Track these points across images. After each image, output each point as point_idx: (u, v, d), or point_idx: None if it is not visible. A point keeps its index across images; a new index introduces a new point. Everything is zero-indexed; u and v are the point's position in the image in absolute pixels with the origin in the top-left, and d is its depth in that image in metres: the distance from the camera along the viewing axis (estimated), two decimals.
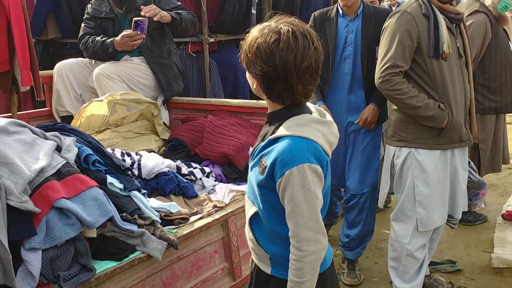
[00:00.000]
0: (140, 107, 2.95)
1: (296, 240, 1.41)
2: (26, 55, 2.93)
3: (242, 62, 1.47)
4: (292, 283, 1.44)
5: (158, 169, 2.35)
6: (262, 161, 1.44)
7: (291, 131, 1.41)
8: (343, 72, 2.99)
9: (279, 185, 1.40)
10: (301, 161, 1.37)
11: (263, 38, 1.38)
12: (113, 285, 1.79)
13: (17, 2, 2.93)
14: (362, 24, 2.93)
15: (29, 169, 1.67)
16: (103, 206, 1.77)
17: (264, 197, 1.48)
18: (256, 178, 1.47)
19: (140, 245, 1.87)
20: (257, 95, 1.54)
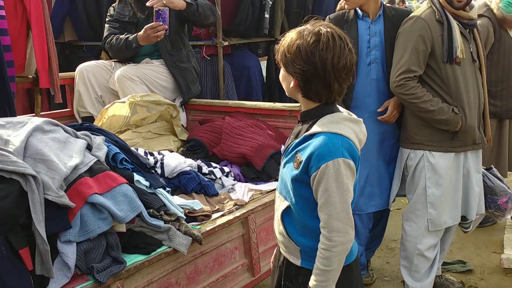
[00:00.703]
0: (160, 109, 3.03)
1: (328, 230, 1.50)
2: (45, 58, 3.03)
3: (279, 63, 1.58)
4: (318, 271, 1.52)
5: (180, 168, 2.43)
6: (297, 157, 1.54)
7: (326, 128, 1.51)
8: (370, 78, 2.85)
9: (314, 178, 1.49)
10: (336, 156, 1.47)
11: (303, 39, 1.50)
12: (141, 277, 1.87)
13: (38, 6, 3.03)
14: (385, 26, 2.82)
15: (64, 166, 1.76)
16: (132, 202, 1.86)
17: (298, 191, 1.57)
18: (291, 173, 1.57)
19: (166, 240, 1.95)
20: (291, 96, 1.64)
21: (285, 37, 1.57)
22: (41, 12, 3.05)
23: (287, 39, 1.56)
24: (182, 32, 3.55)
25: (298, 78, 1.53)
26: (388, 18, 2.81)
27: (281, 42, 1.57)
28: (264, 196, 2.52)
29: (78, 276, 1.71)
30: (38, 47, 3.00)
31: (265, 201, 2.45)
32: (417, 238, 2.83)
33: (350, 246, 1.54)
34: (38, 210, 1.62)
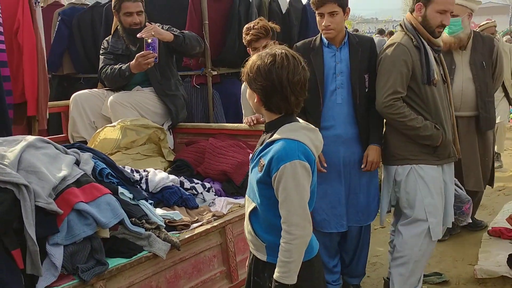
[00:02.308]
0: (148, 132, 3.26)
1: (287, 225, 1.70)
2: (34, 88, 3.29)
3: (244, 81, 1.84)
4: (281, 263, 1.71)
5: (164, 183, 2.64)
6: (260, 161, 1.77)
7: (284, 135, 1.74)
8: (336, 103, 2.97)
9: (275, 178, 1.70)
10: (293, 158, 1.68)
11: (261, 60, 1.75)
12: (123, 279, 2.05)
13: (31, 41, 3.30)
14: (350, 53, 2.94)
15: (53, 177, 1.97)
16: (115, 210, 2.06)
17: (262, 192, 1.78)
18: (256, 176, 1.79)
19: (147, 246, 2.15)
20: (257, 111, 1.89)
21: (249, 60, 1.82)
22: (34, 46, 3.31)
23: (249, 61, 1.81)
24: (170, 62, 3.81)
25: (260, 93, 1.78)
26: (352, 45, 2.97)
27: (246, 64, 1.82)
28: (241, 208, 2.71)
29: (65, 276, 1.90)
30: (28, 78, 3.26)
31: (242, 212, 2.63)
32: (417, 246, 2.90)
33: (308, 240, 1.75)
34: (29, 215, 1.83)
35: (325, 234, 3.05)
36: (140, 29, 3.53)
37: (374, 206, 3.13)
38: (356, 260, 3.21)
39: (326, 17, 2.86)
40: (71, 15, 5.07)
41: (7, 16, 3.22)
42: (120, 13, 3.62)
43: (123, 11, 3.59)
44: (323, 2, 2.84)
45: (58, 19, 5.05)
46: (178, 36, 3.55)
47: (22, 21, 3.25)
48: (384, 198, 3.08)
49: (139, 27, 3.57)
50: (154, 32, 3.38)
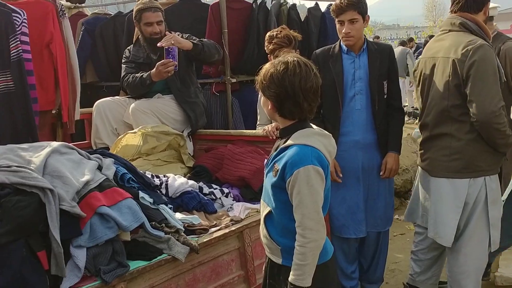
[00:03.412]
0: (168, 138, 3.33)
1: (302, 228, 1.74)
2: (66, 95, 3.44)
3: (258, 89, 1.88)
4: (296, 266, 1.75)
5: (183, 188, 2.70)
6: (275, 166, 1.81)
7: (298, 140, 1.78)
8: (355, 109, 2.99)
9: (289, 183, 1.74)
10: (307, 163, 1.73)
11: (274, 67, 1.80)
12: (144, 281, 2.11)
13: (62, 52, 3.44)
14: (369, 60, 2.97)
15: (77, 181, 2.05)
16: (136, 214, 2.13)
17: (277, 196, 1.83)
18: (270, 181, 1.83)
19: (166, 249, 2.20)
20: (271, 118, 1.95)
21: (263, 68, 1.87)
22: (64, 57, 3.46)
23: (263, 69, 1.86)
24: (190, 70, 3.89)
25: (274, 100, 1.83)
26: (371, 52, 3.00)
27: (260, 72, 1.87)
28: (259, 213, 2.71)
29: (87, 277, 1.96)
30: (62, 87, 3.41)
31: (259, 217, 2.64)
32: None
33: (322, 243, 1.79)
34: (54, 218, 1.90)
35: (344, 240, 3.07)
36: (160, 38, 3.61)
37: (391, 212, 3.15)
38: (374, 266, 3.21)
39: (346, 24, 2.90)
40: (94, 24, 5.21)
41: (36, 28, 3.36)
42: (140, 23, 3.71)
43: (143, 21, 3.69)
44: (344, 9, 2.87)
45: (81, 29, 5.20)
46: (197, 45, 3.63)
47: (54, 32, 3.40)
48: (452, 217, 2.70)
49: (159, 36, 3.66)
50: (173, 41, 3.46)
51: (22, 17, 3.04)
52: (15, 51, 2.98)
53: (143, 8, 3.68)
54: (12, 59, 2.98)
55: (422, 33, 31.70)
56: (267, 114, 1.96)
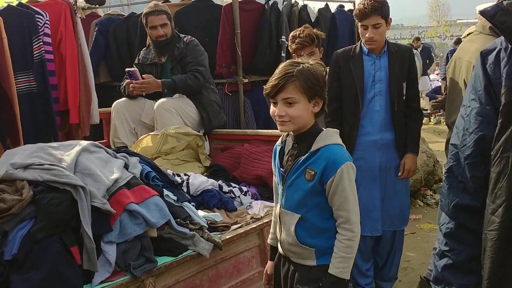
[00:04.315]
0: (188, 139, 3.40)
1: (349, 223, 1.79)
2: (76, 97, 3.48)
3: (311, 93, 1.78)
4: (341, 259, 1.79)
5: (204, 187, 2.76)
6: (308, 171, 1.81)
7: (328, 141, 1.82)
8: (374, 110, 3.02)
9: (331, 182, 1.77)
10: (345, 160, 1.79)
11: (316, 69, 1.80)
12: (170, 277, 2.17)
13: (73, 53, 3.49)
14: (389, 61, 2.99)
15: (107, 179, 2.11)
16: (163, 211, 2.19)
17: (313, 200, 1.83)
18: (304, 186, 1.82)
19: (191, 245, 2.26)
20: (302, 125, 1.83)
21: (301, 71, 1.76)
22: (75, 56, 3.50)
23: (305, 72, 1.77)
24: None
25: (325, 100, 1.85)
26: (392, 53, 3.02)
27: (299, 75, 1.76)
28: None
29: (118, 272, 2.02)
30: (71, 88, 3.45)
31: None
32: None
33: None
34: (86, 215, 1.96)
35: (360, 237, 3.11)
36: (166, 40, 3.69)
37: (407, 212, 3.18)
38: (389, 264, 3.26)
39: (370, 29, 2.91)
40: (107, 25, 5.28)
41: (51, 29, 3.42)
42: (147, 27, 3.79)
43: (149, 24, 3.76)
44: (368, 14, 2.88)
45: (95, 29, 5.27)
46: (168, 84, 3.64)
47: (64, 33, 3.45)
48: None
49: (164, 39, 3.72)
50: (143, 91, 3.61)
51: (45, 19, 3.12)
52: (38, 52, 3.06)
53: (148, 12, 3.75)
54: (35, 60, 3.06)
55: (426, 33, 31.66)
56: (299, 122, 1.81)
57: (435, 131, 10.15)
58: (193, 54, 3.78)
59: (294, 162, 1.86)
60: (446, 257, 2.05)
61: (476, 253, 1.91)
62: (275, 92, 1.78)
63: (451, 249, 2.02)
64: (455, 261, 1.99)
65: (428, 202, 5.62)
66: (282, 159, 1.97)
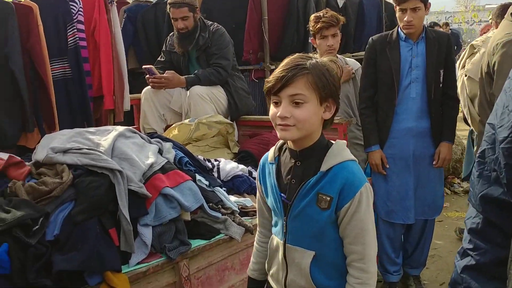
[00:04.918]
0: (219, 127, 3.43)
1: (364, 261, 1.43)
2: (110, 83, 3.53)
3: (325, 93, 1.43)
4: None
5: (234, 172, 2.79)
6: (321, 197, 1.44)
7: (341, 157, 1.45)
8: (409, 97, 2.98)
9: (347, 209, 1.41)
10: (364, 181, 1.43)
11: (331, 66, 1.47)
12: (203, 259, 2.22)
13: (107, 39, 3.53)
14: (427, 48, 2.94)
15: (143, 164, 2.16)
16: (196, 195, 2.23)
17: (331, 234, 1.47)
18: (317, 217, 1.46)
19: (223, 229, 2.31)
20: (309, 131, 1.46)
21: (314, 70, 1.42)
22: (109, 44, 3.56)
23: (317, 66, 1.43)
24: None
25: (338, 105, 1.50)
26: (430, 39, 2.96)
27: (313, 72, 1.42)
28: None
29: (153, 254, 2.08)
30: (105, 74, 3.51)
31: None
32: None
33: None
34: (123, 198, 2.02)
35: (390, 225, 3.12)
36: (187, 32, 3.71)
37: (440, 201, 3.15)
38: (418, 252, 3.26)
39: (408, 12, 2.86)
40: (136, 12, 5.33)
41: (84, 16, 3.47)
42: (170, 16, 3.81)
43: (171, 15, 3.78)
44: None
45: (124, 16, 5.32)
46: (193, 80, 3.66)
47: (98, 20, 3.49)
48: None
49: (185, 31, 3.74)
50: (164, 86, 3.65)
51: (78, 6, 3.17)
52: (72, 39, 3.11)
53: (170, 3, 3.76)
54: (69, 47, 3.12)
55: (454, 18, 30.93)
56: (307, 128, 1.45)
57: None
58: (218, 45, 3.78)
59: (301, 185, 1.47)
60: (468, 256, 1.69)
61: (504, 256, 1.54)
62: (281, 86, 1.41)
63: (475, 247, 1.67)
64: (479, 262, 1.64)
65: (455, 190, 5.58)
66: (280, 181, 1.55)
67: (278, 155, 1.60)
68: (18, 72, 2.69)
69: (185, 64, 3.88)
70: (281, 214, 1.54)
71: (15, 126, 2.81)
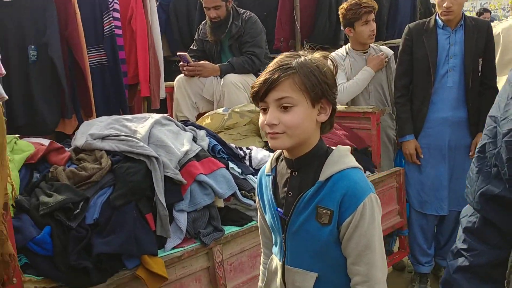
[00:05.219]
0: (251, 115, 3.45)
1: (369, 284, 1.27)
2: (146, 71, 3.59)
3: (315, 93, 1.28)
4: None
5: (266, 160, 2.79)
6: (321, 210, 1.29)
7: (343, 164, 1.31)
8: (446, 86, 2.94)
9: (348, 224, 1.27)
10: (368, 191, 1.28)
11: (322, 62, 1.31)
12: (236, 245, 2.26)
13: (143, 28, 3.58)
14: (465, 36, 2.89)
15: (178, 151, 2.21)
16: (230, 182, 2.27)
17: (334, 251, 1.32)
18: (317, 234, 1.31)
19: (255, 216, 2.33)
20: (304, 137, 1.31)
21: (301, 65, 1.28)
22: (145, 32, 3.61)
23: (305, 64, 1.28)
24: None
25: (335, 104, 1.34)
26: (468, 27, 2.91)
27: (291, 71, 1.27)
28: None
29: (188, 239, 2.13)
30: (141, 62, 3.57)
31: None
32: None
33: None
34: (160, 184, 2.07)
35: (423, 216, 3.09)
36: (220, 21, 3.71)
37: None
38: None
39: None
40: (168, 0, 5.37)
41: (121, 5, 3.53)
42: (203, 6, 3.82)
43: (203, 4, 3.79)
44: None
45: (156, 4, 5.36)
46: (227, 68, 3.69)
47: (135, 8, 3.55)
48: None
49: (217, 20, 3.74)
50: (198, 73, 3.68)
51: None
52: (108, 27, 3.17)
53: None
54: (105, 35, 3.18)
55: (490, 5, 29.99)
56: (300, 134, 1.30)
57: None
58: (251, 33, 3.78)
59: (298, 198, 1.34)
60: (462, 256, 1.68)
61: (501, 258, 1.53)
62: (265, 90, 1.27)
63: (470, 248, 1.64)
64: (473, 264, 1.62)
65: None
66: (277, 194, 1.41)
67: (275, 166, 1.45)
68: (57, 60, 2.76)
69: (218, 53, 3.90)
70: (279, 231, 1.40)
71: (54, 112, 2.89)
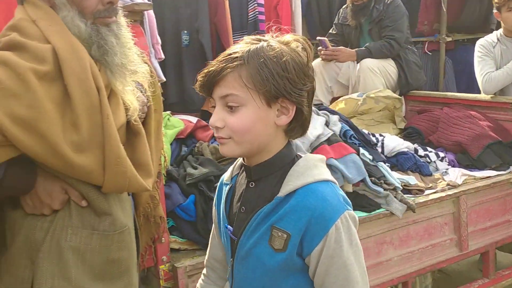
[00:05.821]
0: (387, 101, 3.40)
1: None
2: None
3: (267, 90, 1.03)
4: None
5: (399, 149, 2.78)
6: (276, 233, 1.06)
7: (308, 177, 1.06)
8: None
9: (319, 254, 1.04)
10: (341, 210, 1.05)
11: (285, 52, 1.07)
12: (362, 230, 2.28)
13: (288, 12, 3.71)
14: None
15: (311, 134, 2.29)
16: (359, 168, 2.30)
17: (288, 283, 1.09)
18: (268, 261, 1.07)
19: (384, 204, 2.34)
20: (257, 145, 1.07)
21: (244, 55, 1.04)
22: (289, 18, 3.74)
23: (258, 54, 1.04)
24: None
25: (306, 103, 1.11)
26: None
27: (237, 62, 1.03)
28: (477, 181, 2.69)
29: None
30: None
31: (478, 185, 2.63)
32: None
33: None
34: None
35: None
36: (363, 4, 3.66)
37: None
38: None
39: None
40: None
41: None
42: None
43: None
44: None
45: None
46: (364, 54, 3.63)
47: None
48: None
49: (360, 3, 3.68)
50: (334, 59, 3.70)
51: None
52: (252, 13, 3.36)
53: None
54: (249, 21, 3.37)
55: None
56: (254, 139, 1.06)
57: None
58: (392, 17, 3.69)
59: (251, 216, 1.10)
60: None
61: None
62: (208, 85, 1.05)
63: None
64: None
65: None
66: (231, 208, 1.17)
67: (237, 174, 1.20)
68: (206, 45, 3.01)
69: (357, 37, 3.87)
70: (229, 253, 1.17)
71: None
